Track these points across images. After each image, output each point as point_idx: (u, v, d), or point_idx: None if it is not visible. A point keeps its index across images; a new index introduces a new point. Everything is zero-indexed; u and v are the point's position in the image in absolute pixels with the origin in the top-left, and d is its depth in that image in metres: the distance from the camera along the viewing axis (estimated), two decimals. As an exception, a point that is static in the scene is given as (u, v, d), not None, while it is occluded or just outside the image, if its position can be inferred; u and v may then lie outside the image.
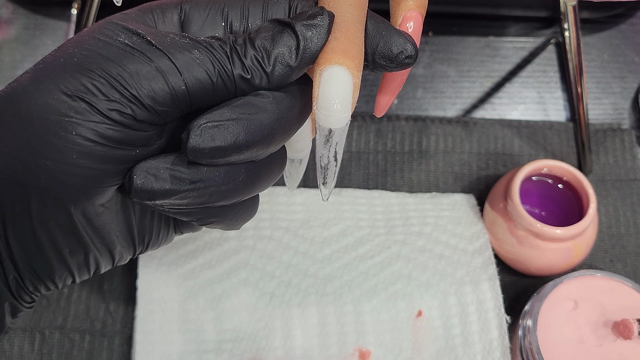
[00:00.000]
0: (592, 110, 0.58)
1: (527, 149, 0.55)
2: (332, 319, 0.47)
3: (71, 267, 0.29)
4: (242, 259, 0.49)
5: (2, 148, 0.26)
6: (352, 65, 0.27)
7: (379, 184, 0.54)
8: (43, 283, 0.29)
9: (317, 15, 0.27)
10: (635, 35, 0.61)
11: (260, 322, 0.47)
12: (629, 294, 0.44)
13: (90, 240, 0.28)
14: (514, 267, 0.50)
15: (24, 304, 0.30)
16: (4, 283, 0.29)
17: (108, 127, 0.26)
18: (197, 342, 0.47)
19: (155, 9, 0.29)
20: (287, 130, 0.28)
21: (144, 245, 0.31)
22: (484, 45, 0.61)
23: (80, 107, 0.25)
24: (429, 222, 0.51)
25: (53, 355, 0.47)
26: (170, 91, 0.26)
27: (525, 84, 0.60)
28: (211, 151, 0.26)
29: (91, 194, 0.27)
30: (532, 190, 0.50)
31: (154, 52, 0.26)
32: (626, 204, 0.54)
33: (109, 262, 0.31)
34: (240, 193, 0.29)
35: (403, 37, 0.28)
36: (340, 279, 0.49)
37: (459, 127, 0.56)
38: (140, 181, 0.27)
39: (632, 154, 0.55)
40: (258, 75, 0.27)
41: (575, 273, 0.45)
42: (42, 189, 0.26)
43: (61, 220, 0.27)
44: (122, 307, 0.49)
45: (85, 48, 0.26)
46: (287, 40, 0.27)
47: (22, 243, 0.28)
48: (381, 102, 0.33)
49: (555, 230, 0.46)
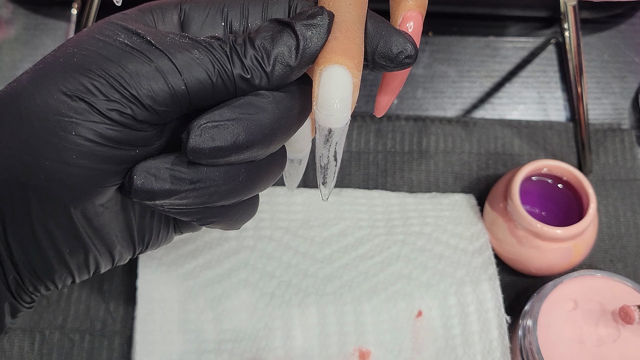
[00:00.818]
0: (592, 110, 0.58)
1: (527, 149, 0.55)
2: (332, 319, 0.47)
3: (71, 268, 0.29)
4: (242, 259, 0.49)
5: (1, 148, 0.26)
6: (352, 64, 0.27)
7: (379, 184, 0.54)
8: (43, 283, 0.29)
9: (317, 14, 0.27)
10: (635, 35, 0.61)
11: (260, 322, 0.47)
12: (629, 294, 0.44)
13: (90, 240, 0.29)
14: (514, 267, 0.50)
15: (24, 304, 0.30)
16: (4, 283, 0.29)
17: (108, 127, 0.26)
18: (197, 342, 0.47)
19: (154, 9, 0.29)
20: (287, 130, 0.28)
21: (144, 245, 0.31)
22: (484, 45, 0.61)
23: (80, 107, 0.25)
24: (429, 222, 0.51)
25: (53, 355, 0.47)
26: (170, 91, 0.26)
27: (525, 84, 0.60)
28: (211, 151, 0.26)
29: (91, 194, 0.27)
30: (532, 190, 0.50)
31: (154, 52, 0.26)
32: (626, 204, 0.54)
33: (109, 262, 0.31)
34: (241, 193, 0.29)
35: (403, 37, 0.28)
36: (340, 279, 0.49)
37: (459, 127, 0.56)
38: (140, 181, 0.27)
39: (632, 154, 0.55)
40: (258, 75, 0.27)
41: (575, 273, 0.45)
42: (41, 189, 0.26)
43: (61, 220, 0.27)
44: (122, 307, 0.49)
45: (84, 48, 0.26)
46: (286, 40, 0.27)
47: (22, 243, 0.28)
48: (381, 102, 0.33)
49: (555, 230, 0.46)
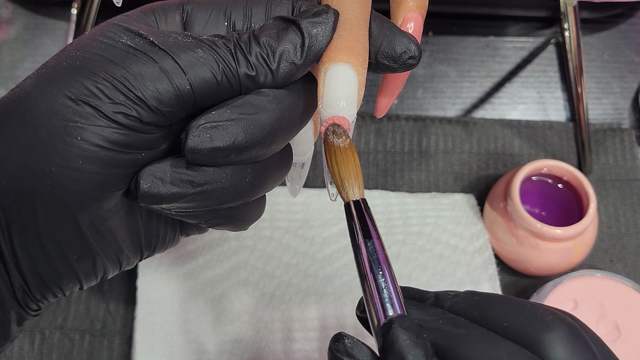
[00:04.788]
0: (592, 110, 0.58)
1: (527, 149, 0.55)
2: (332, 319, 0.47)
3: (78, 274, 0.29)
4: (242, 259, 0.49)
5: (6, 155, 0.26)
6: (357, 62, 0.27)
7: (379, 184, 0.54)
8: (50, 291, 0.29)
9: (323, 12, 0.27)
10: (635, 35, 0.61)
11: (260, 322, 0.47)
12: (629, 294, 0.44)
13: (97, 246, 0.28)
14: (514, 267, 0.50)
15: (30, 312, 0.30)
16: (10, 292, 0.28)
17: (114, 130, 0.25)
18: (197, 342, 0.47)
19: (157, 10, 0.29)
20: (289, 129, 0.28)
21: (151, 249, 0.31)
22: (484, 45, 0.61)
23: (85, 111, 0.25)
24: (429, 222, 0.51)
25: (53, 355, 0.47)
26: (175, 91, 0.26)
27: (525, 84, 0.60)
28: (210, 152, 0.26)
29: (98, 199, 0.26)
30: (532, 190, 0.50)
31: (157, 52, 0.26)
32: (626, 204, 0.54)
33: (116, 267, 0.30)
34: (248, 194, 0.29)
35: (407, 37, 0.28)
36: (340, 279, 0.49)
37: (459, 127, 0.56)
38: (146, 185, 0.26)
39: (632, 154, 0.55)
40: (263, 73, 0.27)
41: (575, 273, 0.45)
42: (48, 195, 0.26)
43: (68, 226, 0.27)
44: (122, 307, 0.49)
45: (87, 51, 0.26)
46: (292, 37, 0.27)
47: (29, 251, 0.27)
48: (381, 104, 0.33)
49: (555, 230, 0.46)
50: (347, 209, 0.27)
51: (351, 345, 0.25)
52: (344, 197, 0.27)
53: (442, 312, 0.27)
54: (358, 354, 0.25)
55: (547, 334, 0.24)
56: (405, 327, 0.25)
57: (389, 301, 0.25)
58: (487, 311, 0.26)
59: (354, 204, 0.27)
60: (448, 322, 0.26)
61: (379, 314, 0.25)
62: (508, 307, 0.26)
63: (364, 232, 0.26)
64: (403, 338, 0.24)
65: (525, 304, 0.26)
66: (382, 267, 0.26)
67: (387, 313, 0.25)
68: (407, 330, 0.24)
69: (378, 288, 0.26)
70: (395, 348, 0.24)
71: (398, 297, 0.26)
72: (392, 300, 0.25)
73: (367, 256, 0.26)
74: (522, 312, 0.26)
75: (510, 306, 0.26)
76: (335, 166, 0.27)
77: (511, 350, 0.24)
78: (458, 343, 0.24)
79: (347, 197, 0.27)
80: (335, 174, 0.27)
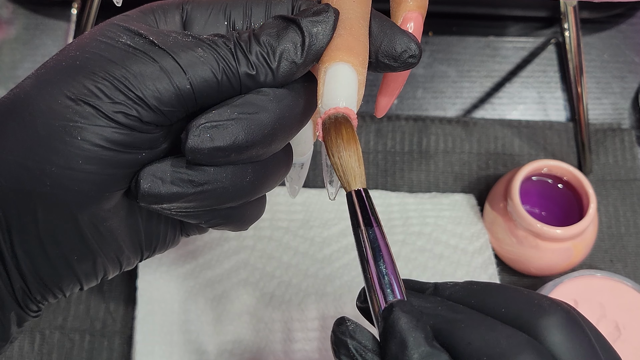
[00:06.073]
0: (592, 110, 0.58)
1: (527, 149, 0.55)
2: (332, 319, 0.47)
3: (79, 275, 0.29)
4: (242, 259, 0.49)
5: (6, 156, 0.26)
6: (357, 62, 0.27)
7: (379, 184, 0.54)
8: (51, 292, 0.29)
9: (323, 11, 0.27)
10: (635, 35, 0.61)
11: (260, 322, 0.47)
12: (629, 294, 0.44)
13: (98, 246, 0.28)
14: (514, 267, 0.50)
15: (30, 313, 0.30)
16: (10, 294, 0.28)
17: (114, 130, 0.25)
18: (197, 342, 0.47)
19: (156, 10, 0.29)
20: (289, 129, 0.28)
21: (152, 249, 0.31)
22: (484, 45, 0.61)
23: (85, 111, 0.25)
24: (429, 222, 0.51)
25: (53, 355, 0.47)
26: (175, 91, 0.26)
27: (525, 84, 0.60)
28: (210, 151, 0.26)
29: (98, 199, 0.26)
30: (532, 190, 0.50)
31: (157, 52, 0.26)
32: (626, 204, 0.54)
33: (117, 268, 0.30)
34: (248, 194, 0.29)
35: (407, 36, 0.28)
36: (340, 279, 0.49)
37: (459, 127, 0.56)
38: (147, 185, 0.26)
39: (632, 154, 0.55)
40: (263, 72, 0.27)
41: (575, 273, 0.45)
42: (47, 196, 0.26)
43: (68, 227, 0.27)
44: (122, 307, 0.49)
45: (87, 51, 0.26)
46: (292, 36, 0.27)
47: (29, 252, 0.27)
48: (381, 104, 0.33)
49: (555, 230, 0.46)
50: (348, 199, 0.27)
51: (353, 328, 0.25)
52: (345, 186, 0.27)
53: (442, 299, 0.27)
54: (360, 336, 0.25)
55: (544, 319, 0.25)
56: (406, 310, 0.25)
57: (389, 287, 0.25)
58: (486, 298, 0.26)
59: (356, 194, 0.27)
60: (447, 308, 0.26)
61: (379, 300, 0.25)
62: (506, 294, 0.26)
63: (365, 220, 0.26)
64: (404, 321, 0.24)
65: (523, 291, 0.26)
66: (382, 254, 0.26)
67: (388, 298, 0.25)
68: (408, 313, 0.25)
69: (379, 274, 0.26)
70: (396, 330, 0.24)
71: (398, 283, 0.26)
72: (393, 286, 0.26)
73: (368, 243, 0.26)
74: (520, 298, 0.26)
75: (508, 293, 0.26)
76: (337, 154, 0.27)
77: (509, 333, 0.24)
78: (457, 327, 0.25)
79: (349, 187, 0.27)
80: (337, 163, 0.27)
